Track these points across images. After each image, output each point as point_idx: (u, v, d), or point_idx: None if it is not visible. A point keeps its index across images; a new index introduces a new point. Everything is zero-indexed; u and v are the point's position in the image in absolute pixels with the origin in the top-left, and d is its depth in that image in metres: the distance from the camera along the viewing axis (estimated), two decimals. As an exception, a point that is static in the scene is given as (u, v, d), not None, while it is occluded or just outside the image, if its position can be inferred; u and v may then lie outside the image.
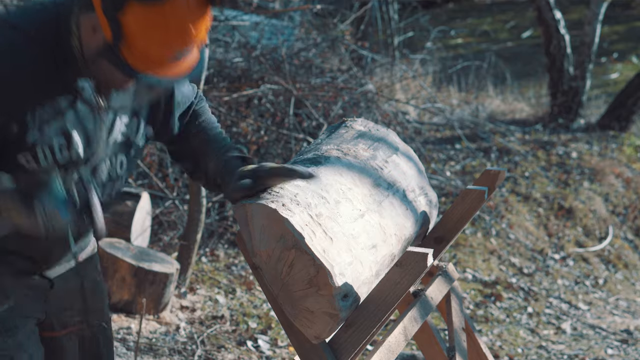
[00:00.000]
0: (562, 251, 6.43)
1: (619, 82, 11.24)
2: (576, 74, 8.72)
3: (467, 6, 16.68)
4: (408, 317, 2.31)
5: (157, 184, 5.21)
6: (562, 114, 8.70)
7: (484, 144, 7.65)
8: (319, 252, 1.88)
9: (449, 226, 2.54)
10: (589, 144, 8.08)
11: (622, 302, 5.89)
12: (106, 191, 2.03)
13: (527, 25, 14.62)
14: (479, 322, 4.99)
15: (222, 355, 3.92)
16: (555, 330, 5.16)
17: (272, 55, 6.49)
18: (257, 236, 1.94)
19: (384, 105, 7.19)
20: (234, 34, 6.75)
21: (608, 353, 4.84)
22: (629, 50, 13.28)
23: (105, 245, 4.10)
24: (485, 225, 6.30)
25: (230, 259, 5.05)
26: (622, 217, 7.15)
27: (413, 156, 2.55)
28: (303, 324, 1.98)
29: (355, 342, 2.04)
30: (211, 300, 4.47)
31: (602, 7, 8.64)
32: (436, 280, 2.55)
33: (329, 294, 1.90)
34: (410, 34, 10.67)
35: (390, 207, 2.21)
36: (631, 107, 8.57)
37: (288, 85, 5.99)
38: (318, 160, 2.17)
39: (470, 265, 5.74)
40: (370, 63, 8.54)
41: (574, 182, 7.28)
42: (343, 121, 2.52)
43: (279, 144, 5.87)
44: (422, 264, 2.02)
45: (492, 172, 2.59)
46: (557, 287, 5.84)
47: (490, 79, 9.97)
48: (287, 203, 1.92)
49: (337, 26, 7.87)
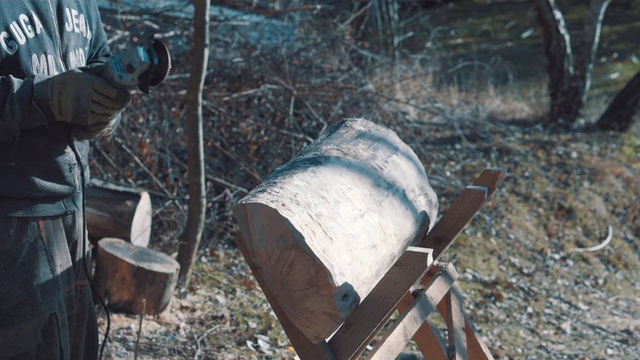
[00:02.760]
0: (562, 251, 6.43)
1: (619, 82, 11.24)
2: (576, 74, 8.72)
3: (467, 6, 16.68)
4: (408, 317, 2.31)
5: (157, 184, 5.21)
6: (562, 114, 8.71)
7: (484, 144, 7.65)
8: (318, 252, 1.88)
9: (449, 226, 2.55)
10: (589, 144, 8.08)
11: (622, 302, 5.89)
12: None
13: (527, 25, 14.62)
14: (479, 322, 4.99)
15: (222, 355, 3.92)
16: (555, 330, 5.16)
17: (272, 55, 6.49)
18: (257, 236, 1.94)
19: (384, 105, 7.19)
20: (233, 34, 6.75)
21: (608, 353, 4.84)
22: (629, 50, 13.28)
23: (105, 245, 4.10)
24: (485, 225, 6.30)
25: (230, 259, 5.05)
26: (622, 217, 7.15)
27: (413, 156, 2.55)
28: (303, 324, 1.98)
29: (355, 342, 2.04)
30: (211, 300, 4.47)
31: (602, 7, 8.64)
32: (436, 280, 2.55)
33: (329, 293, 1.90)
34: (410, 34, 10.68)
35: (390, 207, 2.21)
36: (631, 107, 8.57)
37: (288, 85, 5.99)
38: (318, 160, 2.17)
39: (470, 265, 5.74)
40: (370, 63, 8.54)
41: (574, 182, 7.28)
42: (343, 121, 2.52)
43: (279, 144, 5.87)
44: (422, 264, 2.02)
45: (492, 172, 2.60)
46: (557, 287, 5.84)
47: (490, 79, 9.97)
48: (287, 203, 1.92)
49: (337, 26, 7.87)
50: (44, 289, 2.10)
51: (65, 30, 2.12)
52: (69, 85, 1.96)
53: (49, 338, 2.11)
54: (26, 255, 2.08)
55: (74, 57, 2.15)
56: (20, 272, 2.07)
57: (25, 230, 2.08)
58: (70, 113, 1.97)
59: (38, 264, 2.10)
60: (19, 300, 2.07)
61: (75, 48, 2.16)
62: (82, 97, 1.95)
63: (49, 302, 2.11)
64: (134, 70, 1.95)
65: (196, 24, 4.03)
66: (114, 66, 1.95)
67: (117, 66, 1.95)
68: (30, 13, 2.03)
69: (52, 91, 1.96)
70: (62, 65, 2.10)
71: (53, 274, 2.13)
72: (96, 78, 1.97)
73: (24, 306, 2.08)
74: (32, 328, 2.09)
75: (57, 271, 2.14)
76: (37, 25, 2.04)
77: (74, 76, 1.97)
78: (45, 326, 2.10)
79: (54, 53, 2.08)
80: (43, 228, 2.12)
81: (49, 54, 2.06)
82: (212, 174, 5.44)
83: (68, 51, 2.13)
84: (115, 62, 1.95)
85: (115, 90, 1.98)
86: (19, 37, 2.00)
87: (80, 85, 1.96)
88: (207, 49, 4.06)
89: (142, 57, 1.95)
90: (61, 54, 2.11)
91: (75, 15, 2.16)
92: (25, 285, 2.08)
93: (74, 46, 2.15)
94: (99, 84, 1.96)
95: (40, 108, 1.97)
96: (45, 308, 2.10)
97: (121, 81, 1.96)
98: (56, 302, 2.12)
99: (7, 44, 1.98)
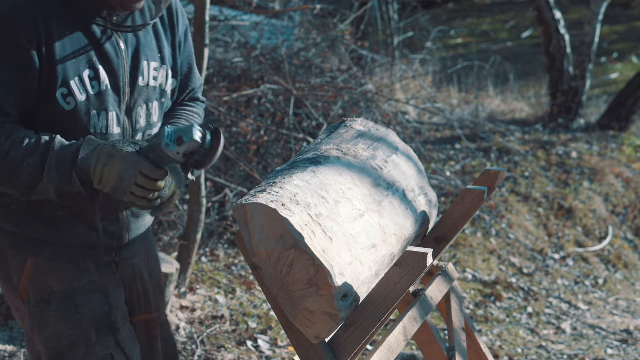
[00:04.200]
0: (562, 251, 6.43)
1: (619, 82, 11.24)
2: (576, 74, 8.72)
3: (467, 6, 16.68)
4: (408, 317, 2.31)
5: (157, 184, 5.21)
6: (562, 114, 8.70)
7: (484, 144, 7.65)
8: (318, 252, 1.88)
9: (449, 226, 2.54)
10: (589, 144, 8.08)
11: (622, 302, 5.89)
12: (146, 139, 2.12)
13: (527, 25, 14.63)
14: (479, 322, 4.99)
15: (222, 355, 3.92)
16: (555, 330, 5.16)
17: (272, 55, 6.49)
18: (257, 236, 1.94)
19: (384, 105, 7.19)
20: (233, 34, 6.75)
21: (608, 353, 4.84)
22: (629, 50, 13.29)
23: (105, 245, 4.10)
24: (485, 225, 6.30)
25: (230, 259, 5.05)
26: (622, 217, 7.15)
27: (413, 156, 2.55)
28: (303, 324, 1.98)
29: (355, 342, 2.04)
30: (211, 300, 4.47)
31: (602, 7, 8.64)
32: (436, 280, 2.55)
33: (329, 293, 1.90)
34: (410, 34, 10.67)
35: (390, 207, 2.21)
36: (631, 107, 8.56)
37: (288, 85, 5.99)
38: (318, 160, 2.17)
39: (470, 265, 5.74)
40: (370, 63, 8.54)
41: (574, 182, 7.28)
42: (343, 121, 2.52)
43: (279, 144, 5.87)
44: (421, 264, 2.02)
45: (492, 172, 2.59)
46: (557, 287, 5.84)
47: (490, 79, 9.97)
48: (286, 203, 1.92)
49: (337, 26, 7.87)
50: (99, 329, 2.12)
51: (137, 84, 2.09)
52: (116, 163, 1.91)
53: None
54: (80, 297, 2.11)
55: (142, 112, 2.12)
56: (74, 313, 2.10)
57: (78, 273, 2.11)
58: (109, 188, 1.93)
59: (92, 305, 2.12)
60: (73, 340, 2.10)
61: (147, 102, 2.13)
62: (125, 178, 1.91)
63: (105, 342, 2.12)
64: (183, 144, 1.92)
65: (196, 24, 4.03)
66: (165, 134, 1.93)
67: (169, 136, 1.93)
68: (97, 68, 2.00)
69: (97, 161, 1.92)
70: (125, 121, 2.08)
71: (109, 315, 2.14)
72: (144, 161, 1.92)
73: (78, 346, 2.10)
74: None
75: (113, 313, 2.16)
76: (102, 82, 2.00)
77: (123, 155, 1.92)
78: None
79: (117, 110, 2.05)
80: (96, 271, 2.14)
81: (111, 111, 2.03)
82: (212, 174, 5.44)
83: (136, 106, 2.10)
84: (169, 132, 1.94)
85: (162, 172, 1.94)
86: (79, 93, 1.97)
87: (127, 167, 1.91)
88: (207, 49, 4.06)
89: (195, 135, 1.93)
90: (127, 109, 2.08)
91: (155, 68, 2.13)
92: (79, 326, 2.10)
93: (145, 100, 2.12)
94: (146, 167, 1.92)
95: (80, 177, 1.93)
96: (100, 349, 2.12)
97: (166, 149, 1.93)
98: (112, 343, 2.14)
99: (65, 100, 1.96)
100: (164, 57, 2.16)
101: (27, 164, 1.90)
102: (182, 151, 1.93)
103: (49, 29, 1.91)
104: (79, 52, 1.96)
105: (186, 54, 2.26)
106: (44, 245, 2.08)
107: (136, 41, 2.08)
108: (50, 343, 2.09)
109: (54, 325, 2.09)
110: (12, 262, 2.10)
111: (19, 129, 1.93)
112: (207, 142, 1.96)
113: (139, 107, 2.11)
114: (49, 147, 1.92)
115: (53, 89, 1.93)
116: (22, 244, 2.09)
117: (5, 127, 1.92)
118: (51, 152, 1.91)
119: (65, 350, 2.09)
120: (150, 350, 2.32)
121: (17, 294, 2.12)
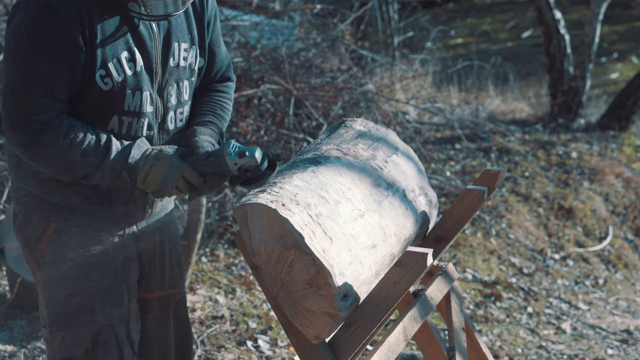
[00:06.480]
0: (562, 251, 6.43)
1: (619, 82, 11.24)
2: (576, 74, 8.72)
3: (467, 6, 16.68)
4: (408, 317, 2.31)
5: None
6: (562, 114, 8.70)
7: (484, 144, 7.65)
8: (318, 252, 1.88)
9: (449, 226, 2.54)
10: (589, 144, 8.08)
11: (622, 302, 5.89)
12: (177, 117, 2.23)
13: (527, 25, 14.62)
14: (479, 322, 4.99)
15: (222, 355, 3.92)
16: (555, 330, 5.16)
17: (272, 55, 6.48)
18: (257, 236, 1.94)
19: (384, 105, 7.19)
20: (233, 34, 6.74)
21: (608, 353, 4.84)
22: (629, 50, 13.28)
23: (105, 245, 4.10)
24: (485, 225, 6.30)
25: (230, 259, 5.05)
26: (622, 217, 7.15)
27: (413, 156, 2.55)
28: (303, 324, 1.98)
29: (355, 342, 2.04)
30: (211, 300, 4.47)
31: (602, 7, 8.64)
32: (436, 280, 2.55)
33: (329, 294, 1.90)
34: (410, 34, 10.67)
35: (390, 207, 2.21)
36: (631, 107, 8.56)
37: (288, 85, 5.99)
38: (318, 160, 2.17)
39: (470, 265, 5.74)
40: (370, 63, 8.54)
41: (574, 182, 7.28)
42: (343, 121, 2.52)
43: (279, 144, 5.87)
44: (421, 264, 2.02)
45: (492, 172, 2.59)
46: (557, 287, 5.84)
47: (490, 79, 9.97)
48: (286, 203, 1.92)
49: (337, 26, 7.86)
50: (104, 300, 2.16)
51: (168, 65, 2.17)
52: (161, 166, 2.05)
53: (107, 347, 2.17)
54: (91, 266, 2.16)
55: (173, 91, 2.20)
56: (83, 281, 2.15)
57: (95, 243, 2.16)
58: (152, 189, 2.06)
59: (101, 276, 2.16)
60: (77, 307, 2.14)
61: (177, 81, 2.21)
62: (168, 181, 2.05)
63: (107, 313, 2.17)
64: (244, 157, 2.07)
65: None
66: (230, 144, 2.09)
67: (234, 147, 2.09)
68: (134, 50, 2.09)
69: (144, 162, 2.05)
70: (157, 100, 2.16)
71: (116, 288, 2.19)
72: (187, 167, 2.07)
73: (81, 313, 2.15)
74: (85, 335, 2.16)
75: (120, 287, 2.20)
76: (137, 62, 2.09)
77: (167, 159, 2.05)
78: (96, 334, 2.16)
79: (150, 89, 2.14)
80: (113, 244, 2.19)
81: (145, 91, 2.12)
82: (212, 174, 5.43)
83: (167, 85, 2.18)
84: (234, 144, 2.09)
85: (202, 179, 2.08)
86: (117, 74, 2.06)
87: (171, 170, 2.05)
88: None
89: (256, 154, 2.07)
90: (159, 88, 2.17)
91: (185, 48, 2.21)
92: (85, 293, 2.15)
93: (176, 79, 2.21)
94: (189, 173, 2.07)
95: (129, 176, 2.06)
96: (101, 318, 2.17)
97: (227, 157, 2.07)
98: (115, 315, 2.18)
99: (103, 81, 2.04)
100: (193, 37, 2.24)
101: (85, 164, 2.02)
102: (240, 164, 2.08)
103: (91, 13, 2.00)
104: (118, 35, 2.05)
105: (215, 34, 2.34)
106: (69, 212, 2.15)
107: (167, 23, 2.16)
108: (55, 307, 2.16)
109: (61, 289, 2.15)
110: (36, 227, 2.18)
111: (76, 124, 2.03)
112: (263, 165, 2.10)
113: (170, 87, 2.19)
114: (108, 151, 2.04)
115: (93, 70, 2.02)
116: (49, 208, 2.16)
117: (62, 121, 2.01)
118: (108, 155, 2.03)
119: (67, 315, 2.15)
120: (161, 327, 2.35)
121: (34, 256, 2.18)
